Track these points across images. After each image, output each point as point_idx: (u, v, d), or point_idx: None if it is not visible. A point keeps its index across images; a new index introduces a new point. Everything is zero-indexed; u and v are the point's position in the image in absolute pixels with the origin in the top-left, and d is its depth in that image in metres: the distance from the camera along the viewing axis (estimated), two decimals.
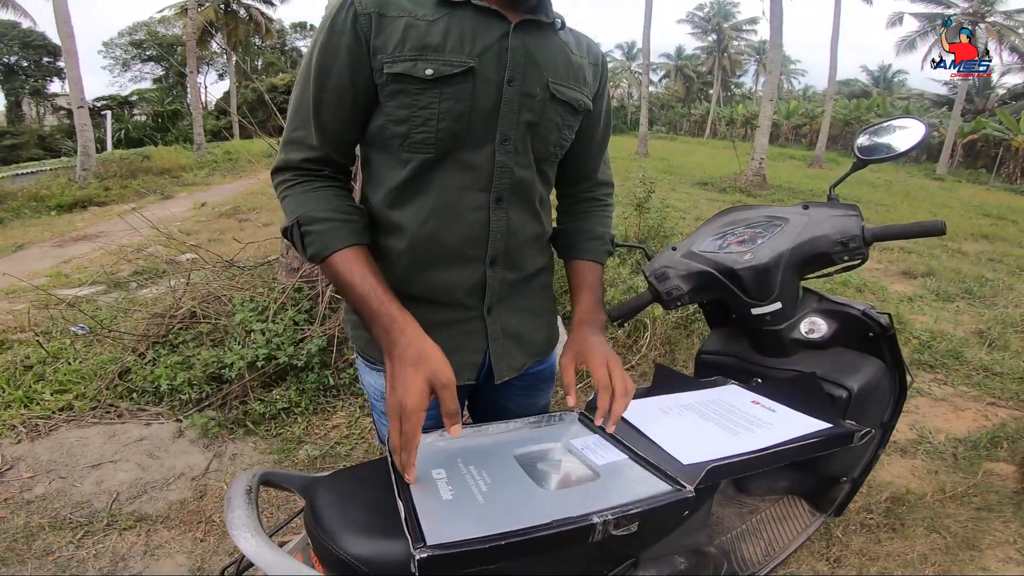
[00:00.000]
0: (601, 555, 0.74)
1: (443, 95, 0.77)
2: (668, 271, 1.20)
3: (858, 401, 1.14)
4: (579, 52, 0.91)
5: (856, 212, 1.15)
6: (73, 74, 11.13)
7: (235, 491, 0.70)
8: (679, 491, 0.70)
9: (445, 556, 0.56)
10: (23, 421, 2.33)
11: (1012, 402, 2.81)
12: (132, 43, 36.58)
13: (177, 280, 3.08)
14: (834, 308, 1.20)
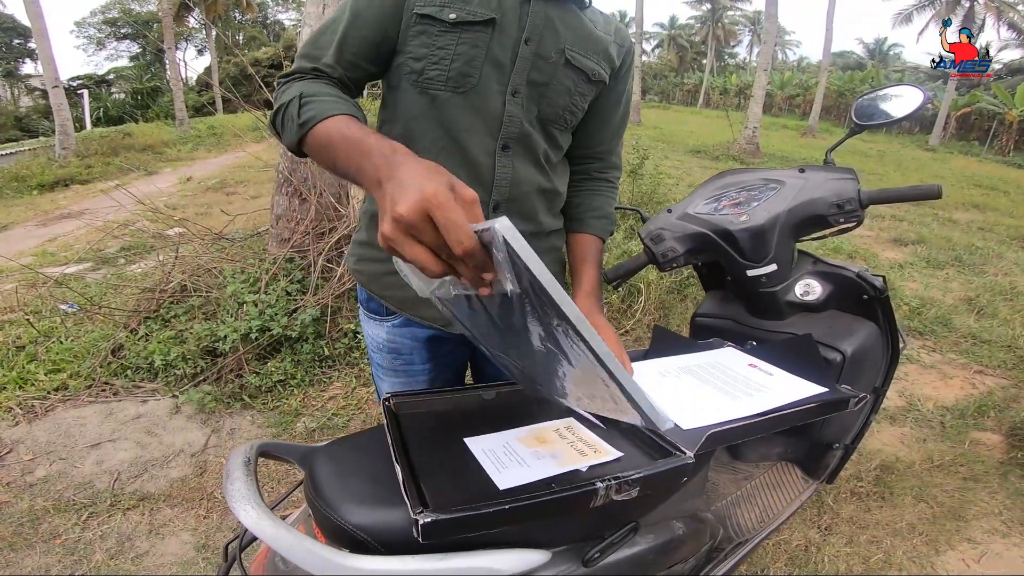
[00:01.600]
0: (602, 519, 0.75)
1: (461, 39, 0.81)
2: (664, 233, 1.19)
3: (852, 364, 1.15)
4: (605, 30, 0.93)
5: (852, 175, 1.14)
6: (45, 54, 10.81)
7: (233, 463, 0.70)
8: (679, 457, 0.71)
9: (447, 520, 0.56)
10: (19, 403, 2.31)
11: (999, 370, 2.86)
12: (105, 21, 35.38)
13: (166, 254, 3.03)
14: (829, 270, 1.20)
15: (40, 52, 10.80)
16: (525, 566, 0.65)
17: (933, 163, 13.98)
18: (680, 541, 0.91)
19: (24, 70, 31.19)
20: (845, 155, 12.31)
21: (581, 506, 0.63)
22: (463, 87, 0.83)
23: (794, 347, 1.08)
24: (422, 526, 0.55)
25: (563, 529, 0.71)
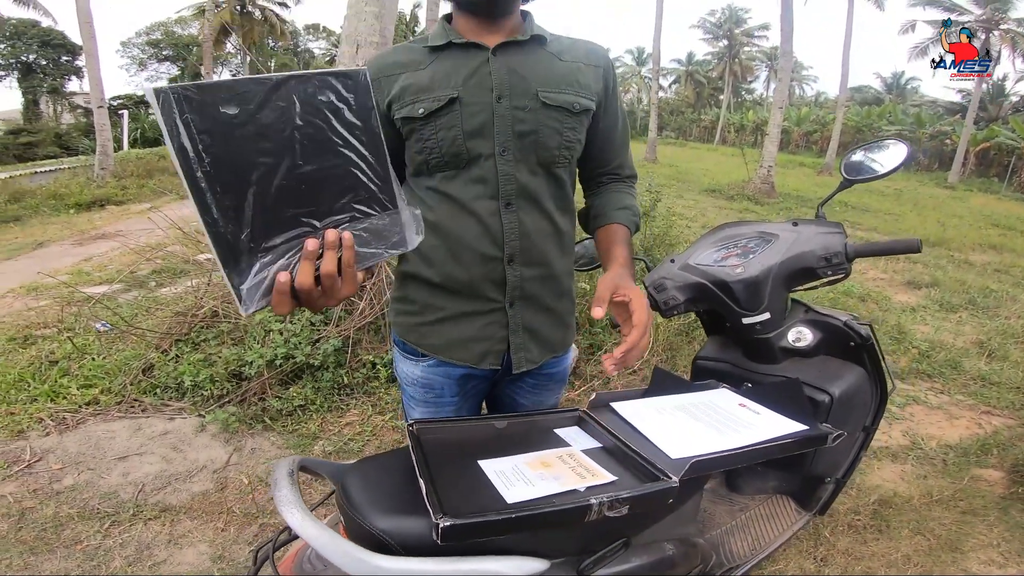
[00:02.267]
0: (597, 534, 0.83)
1: (437, 126, 0.94)
2: (666, 282, 1.29)
3: (840, 405, 1.23)
4: (572, 58, 1.01)
5: (840, 230, 1.23)
6: (94, 74, 11.26)
7: (279, 473, 0.80)
8: (665, 481, 0.79)
9: (463, 525, 0.65)
10: (51, 414, 2.45)
11: (1007, 411, 2.86)
12: (149, 43, 36.92)
13: (199, 280, 3.19)
14: (819, 319, 1.29)
15: (89, 72, 11.28)
16: (526, 572, 0.74)
17: (951, 202, 13.91)
18: (671, 563, 0.98)
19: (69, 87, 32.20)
20: (862, 195, 12.36)
21: (577, 519, 0.72)
22: (458, 164, 0.95)
23: (782, 389, 1.16)
24: (442, 529, 0.64)
25: (561, 542, 0.80)
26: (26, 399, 2.60)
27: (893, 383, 1.37)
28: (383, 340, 2.75)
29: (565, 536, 0.80)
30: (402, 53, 0.99)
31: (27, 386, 2.72)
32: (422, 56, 0.97)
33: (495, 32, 0.97)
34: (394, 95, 0.95)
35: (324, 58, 41.75)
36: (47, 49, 29.88)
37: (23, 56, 29.85)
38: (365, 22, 3.01)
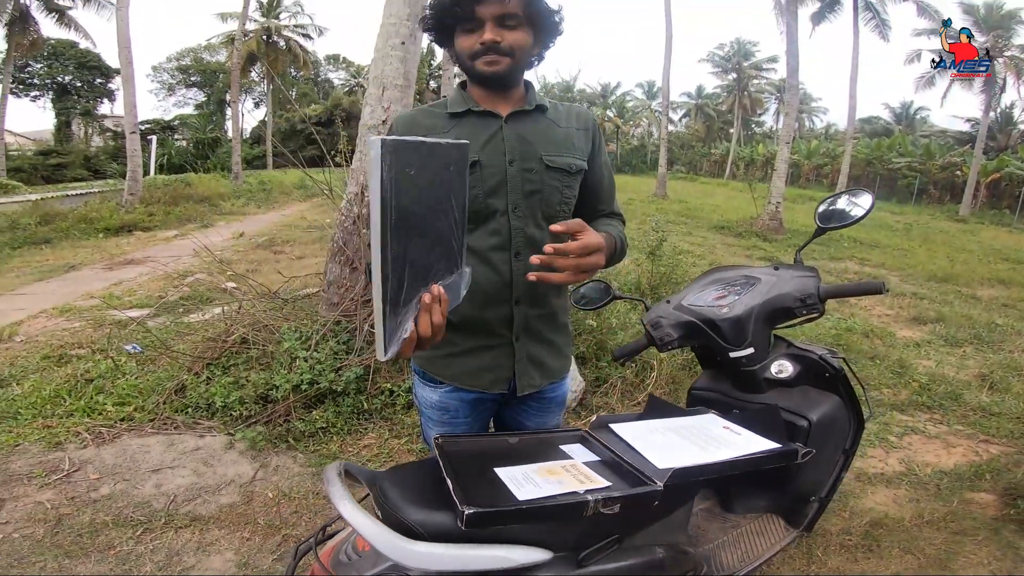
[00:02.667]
0: (593, 530, 0.97)
1: None
2: (661, 321, 1.45)
3: (818, 429, 1.36)
4: (567, 124, 1.19)
5: (814, 274, 1.39)
6: (129, 99, 11.63)
7: (331, 474, 0.96)
8: (650, 485, 0.93)
9: (483, 513, 0.80)
10: (87, 428, 2.62)
11: (1006, 440, 2.91)
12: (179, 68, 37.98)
13: (228, 307, 3.39)
14: (798, 352, 1.44)
15: (124, 97, 11.73)
16: (531, 559, 0.89)
17: (961, 236, 13.89)
18: (661, 565, 1.11)
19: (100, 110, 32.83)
20: (871, 230, 12.43)
21: (577, 514, 0.87)
22: (477, 220, 1.11)
23: (762, 414, 1.30)
24: (466, 516, 0.79)
25: (563, 535, 0.94)
26: (63, 413, 2.79)
27: (871, 410, 1.50)
28: (400, 370, 2.90)
29: (566, 530, 0.94)
30: (426, 117, 1.16)
31: (63, 402, 2.90)
32: (443, 121, 1.14)
33: (505, 101, 1.15)
34: None
35: (343, 88, 42.94)
36: (83, 71, 30.61)
37: (59, 77, 30.48)
38: (391, 65, 3.26)
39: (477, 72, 1.09)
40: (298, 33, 29.09)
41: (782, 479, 1.47)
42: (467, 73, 1.14)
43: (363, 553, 0.99)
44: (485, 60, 1.07)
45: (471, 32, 1.07)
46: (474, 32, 1.07)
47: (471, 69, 1.10)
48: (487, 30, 1.05)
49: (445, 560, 0.86)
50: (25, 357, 3.64)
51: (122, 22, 11.61)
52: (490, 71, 1.08)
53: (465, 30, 1.08)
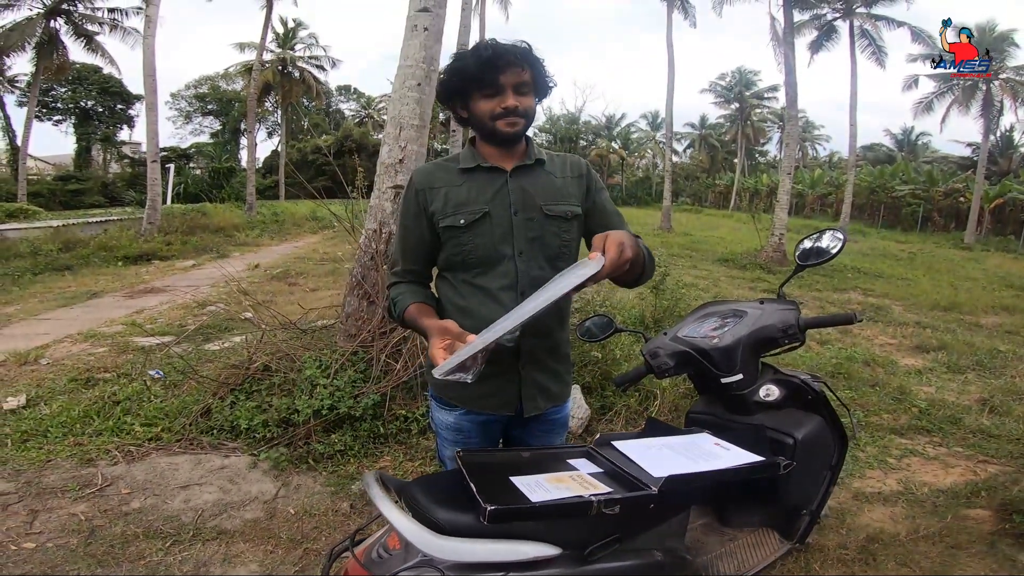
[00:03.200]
0: (597, 529, 1.10)
1: (475, 234, 1.26)
2: (659, 351, 1.61)
3: (802, 446, 1.49)
4: (563, 174, 1.35)
5: (794, 307, 1.55)
6: (152, 127, 11.87)
7: (370, 480, 1.11)
8: (646, 490, 1.06)
9: (503, 510, 0.94)
10: (117, 447, 2.77)
11: (1005, 460, 2.97)
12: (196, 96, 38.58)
13: (251, 336, 3.56)
14: (784, 378, 1.59)
15: (148, 125, 11.97)
16: (543, 554, 1.02)
17: (966, 263, 13.96)
18: (660, 567, 1.23)
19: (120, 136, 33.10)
20: (876, 260, 12.56)
21: (582, 512, 1.01)
22: (488, 264, 1.27)
23: (749, 432, 1.44)
24: (489, 512, 0.93)
25: (571, 533, 1.07)
26: (92, 432, 2.94)
27: (854, 431, 1.63)
28: (415, 397, 3.04)
29: (573, 529, 1.08)
30: (440, 171, 1.32)
31: (92, 421, 3.05)
32: (455, 175, 1.30)
33: (510, 157, 1.31)
34: (436, 206, 1.27)
35: (354, 119, 43.93)
36: (105, 96, 30.81)
37: (83, 101, 30.70)
38: (407, 106, 3.48)
39: (499, 133, 1.25)
40: (312, 64, 29.77)
41: (772, 492, 1.58)
42: (483, 132, 1.29)
43: (393, 551, 1.12)
44: (507, 122, 1.24)
45: (491, 97, 1.23)
46: (494, 97, 1.23)
47: (492, 129, 1.26)
48: (508, 96, 1.22)
49: (469, 553, 1.01)
50: (52, 379, 3.81)
51: (148, 50, 11.93)
52: (511, 131, 1.25)
53: (486, 95, 1.24)
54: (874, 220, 29.18)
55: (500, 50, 1.22)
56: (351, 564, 1.18)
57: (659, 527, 1.25)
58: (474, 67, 1.22)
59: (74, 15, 19.99)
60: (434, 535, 1.00)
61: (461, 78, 1.25)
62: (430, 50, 3.60)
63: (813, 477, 1.61)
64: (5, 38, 18.99)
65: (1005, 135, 30.53)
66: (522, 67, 1.22)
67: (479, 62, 1.21)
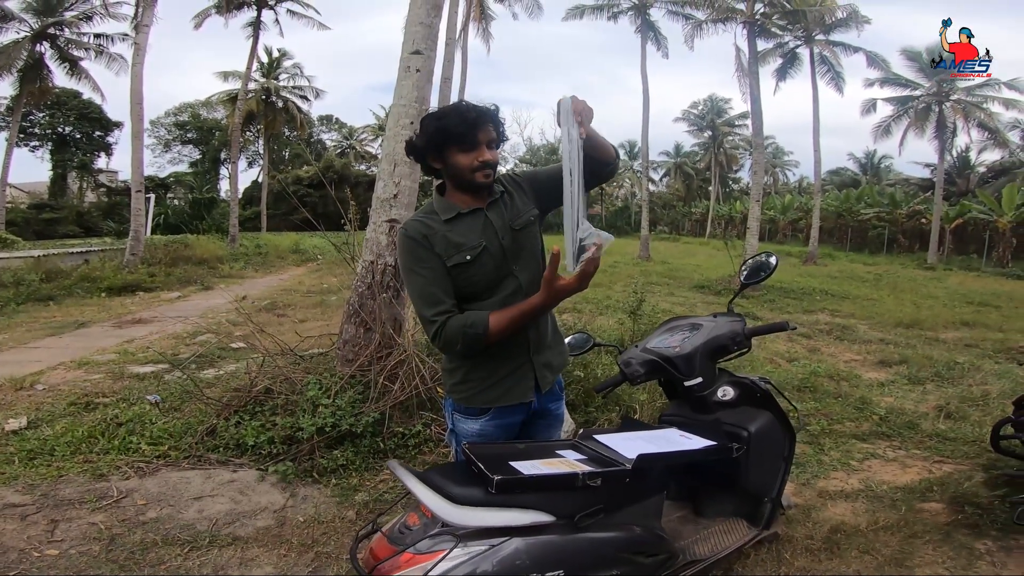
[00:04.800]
0: (583, 500, 1.33)
1: (479, 264, 1.50)
2: (631, 360, 1.89)
3: (756, 438, 1.78)
4: (517, 192, 1.60)
5: (741, 319, 1.88)
6: (138, 156, 11.81)
7: (395, 465, 1.36)
8: (622, 466, 1.30)
9: (508, 480, 1.18)
10: (127, 464, 2.90)
11: (960, 460, 3.22)
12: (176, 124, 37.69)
13: (252, 361, 3.73)
14: (737, 380, 1.90)
15: (132, 154, 11.85)
16: (539, 520, 1.26)
17: (929, 283, 14.58)
18: (640, 541, 1.46)
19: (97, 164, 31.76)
20: (842, 281, 13.12)
21: (570, 483, 1.24)
22: (495, 284, 1.51)
23: (708, 425, 1.74)
24: (495, 481, 1.15)
25: (561, 504, 1.30)
26: (99, 451, 3.06)
27: (800, 422, 1.91)
28: (411, 416, 3.24)
29: (563, 500, 1.31)
30: (430, 222, 1.51)
31: (97, 441, 3.17)
32: (441, 226, 1.50)
33: (479, 197, 1.54)
34: (440, 249, 1.48)
35: (335, 150, 44.16)
36: (83, 122, 29.83)
37: (60, 127, 29.66)
38: (401, 144, 3.70)
39: (475, 183, 1.50)
40: (296, 94, 29.65)
41: (735, 480, 1.84)
42: (459, 182, 1.52)
43: (414, 527, 1.33)
44: (483, 174, 1.49)
45: (469, 151, 1.47)
46: (471, 151, 1.47)
47: (469, 180, 1.49)
48: (484, 152, 1.48)
49: (480, 519, 1.24)
50: (51, 403, 3.91)
51: (136, 78, 11.93)
52: (487, 182, 1.51)
53: (463, 150, 1.47)
54: (843, 243, 29.64)
55: (482, 112, 1.48)
56: (378, 541, 1.37)
57: (638, 505, 1.48)
58: (457, 124, 1.46)
59: (59, 40, 19.70)
60: (452, 505, 1.22)
61: (444, 135, 1.48)
62: (422, 90, 3.89)
63: (768, 466, 1.87)
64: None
65: (961, 155, 31.04)
66: (491, 125, 1.49)
67: (463, 122, 1.45)
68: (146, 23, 12.30)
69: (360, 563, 1.34)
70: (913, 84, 22.05)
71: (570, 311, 7.05)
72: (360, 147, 43.93)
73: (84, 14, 18.84)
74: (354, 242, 4.32)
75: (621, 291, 8.47)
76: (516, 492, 1.23)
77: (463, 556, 1.21)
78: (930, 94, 21.84)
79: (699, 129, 43.76)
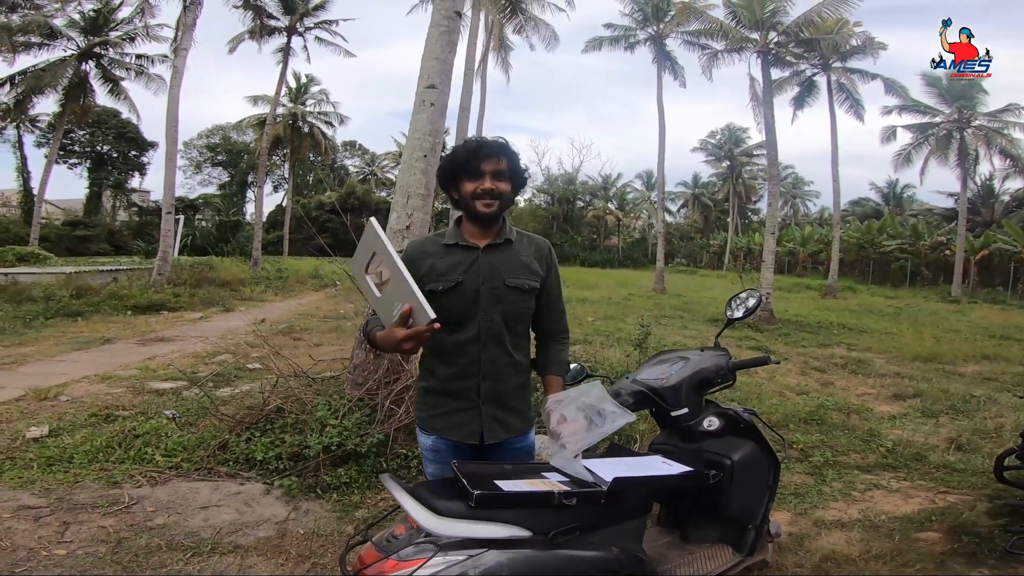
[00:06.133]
0: (559, 519, 1.39)
1: (451, 296, 1.58)
2: (621, 391, 1.97)
3: (739, 467, 1.84)
4: (527, 253, 1.66)
5: (726, 353, 1.96)
6: (170, 178, 12.05)
7: (387, 478, 1.44)
8: (598, 488, 1.37)
9: (487, 495, 1.26)
10: (141, 473, 3.04)
11: (966, 490, 3.18)
12: (208, 146, 39.03)
13: (265, 382, 3.87)
14: (722, 411, 1.97)
15: (166, 175, 12.08)
16: (516, 534, 1.33)
17: (951, 316, 14.27)
18: (617, 562, 1.51)
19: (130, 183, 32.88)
20: (861, 316, 12.95)
21: (547, 501, 1.32)
22: (460, 322, 1.58)
23: (690, 454, 1.79)
24: (476, 496, 1.24)
25: (538, 520, 1.37)
26: (116, 460, 3.21)
27: (785, 453, 1.95)
28: (414, 439, 3.29)
29: (541, 518, 1.38)
30: (430, 244, 1.66)
31: (114, 451, 3.32)
32: (440, 249, 1.63)
33: (486, 234, 1.64)
34: (424, 272, 1.59)
35: (358, 176, 45.11)
36: (120, 142, 30.81)
37: (99, 145, 30.72)
38: (415, 176, 3.91)
39: (477, 211, 1.60)
40: (321, 120, 30.34)
41: (718, 505, 1.88)
42: (467, 211, 1.63)
43: (400, 536, 1.41)
44: (484, 203, 1.59)
45: (474, 180, 1.60)
46: (476, 180, 1.59)
47: (472, 208, 1.60)
48: (486, 180, 1.59)
49: (460, 530, 1.32)
50: (73, 414, 4.09)
51: (173, 101, 12.24)
52: (487, 211, 1.60)
53: (469, 178, 1.60)
54: (864, 276, 29.03)
55: (482, 142, 1.61)
56: (366, 549, 1.46)
57: (616, 527, 1.54)
58: (462, 155, 1.61)
59: (104, 59, 20.49)
60: (435, 516, 1.31)
61: (452, 164, 1.63)
62: (435, 124, 4.08)
63: (752, 493, 1.92)
64: (37, 78, 19.42)
65: (985, 184, 30.24)
66: (499, 157, 1.60)
67: (466, 151, 1.60)
68: (184, 46, 12.67)
69: (348, 568, 1.42)
70: (933, 110, 21.70)
71: (580, 343, 7.15)
72: (381, 173, 44.77)
73: (128, 34, 19.39)
74: None
75: (632, 324, 8.48)
76: (495, 507, 1.31)
77: (442, 564, 1.29)
78: (950, 120, 21.39)
79: (717, 159, 43.26)
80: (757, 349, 8.29)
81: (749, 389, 5.26)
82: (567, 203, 43.94)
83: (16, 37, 17.75)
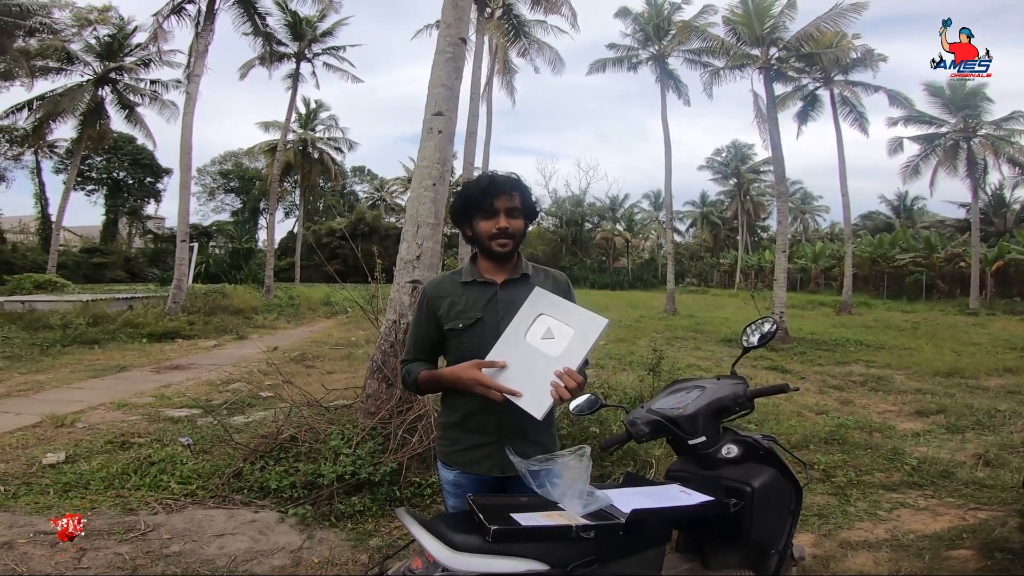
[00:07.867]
0: (577, 552, 1.37)
1: (471, 334, 1.59)
2: (637, 420, 1.93)
3: (760, 494, 1.79)
4: (544, 286, 1.60)
5: (743, 381, 1.93)
6: (185, 206, 12.16)
7: (400, 512, 1.42)
8: (616, 520, 1.35)
9: (504, 530, 1.25)
10: (156, 500, 3.04)
11: (997, 506, 3.08)
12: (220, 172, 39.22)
13: (279, 410, 3.90)
14: (741, 438, 1.92)
15: (180, 203, 12.14)
16: (533, 569, 1.31)
17: (969, 329, 14.00)
18: None
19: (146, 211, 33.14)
20: (879, 332, 12.75)
21: (564, 535, 1.30)
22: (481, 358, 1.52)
23: (709, 481, 1.76)
24: (493, 531, 1.23)
25: (556, 555, 1.35)
26: (131, 487, 3.21)
27: (808, 477, 1.91)
28: (428, 467, 3.31)
29: (558, 551, 1.36)
30: (447, 283, 1.66)
31: (129, 478, 3.33)
32: (457, 287, 1.63)
33: (502, 270, 1.64)
34: (442, 311, 1.61)
35: (367, 202, 45.57)
36: (136, 168, 30.90)
37: (115, 172, 30.76)
38: (424, 205, 3.94)
39: (493, 252, 1.60)
40: (331, 146, 30.51)
41: (739, 532, 1.84)
42: (482, 249, 1.63)
43: (417, 570, 1.39)
44: (499, 243, 1.58)
45: (488, 218, 1.58)
46: (491, 219, 1.58)
47: (487, 247, 1.60)
48: (501, 218, 1.58)
49: (477, 565, 1.30)
50: (89, 441, 4.12)
51: (186, 128, 12.39)
52: (503, 251, 1.60)
53: (484, 217, 1.59)
54: (879, 291, 28.61)
55: (494, 179, 1.61)
56: None
57: (634, 558, 1.51)
58: (475, 193, 1.61)
59: (119, 84, 20.67)
60: (452, 551, 1.29)
61: (465, 202, 1.64)
62: (444, 151, 4.12)
63: (774, 518, 1.87)
64: (55, 103, 19.60)
65: (996, 193, 29.91)
66: (511, 193, 1.60)
67: (479, 189, 1.60)
68: (197, 73, 12.90)
69: None
70: (939, 121, 21.54)
71: (593, 367, 7.06)
72: (390, 199, 45.21)
73: (142, 60, 19.67)
74: (380, 295, 4.51)
75: (645, 347, 8.41)
76: (512, 541, 1.30)
77: None
78: (956, 130, 21.19)
79: (724, 177, 43.16)
80: (773, 369, 8.18)
81: (767, 410, 5.17)
82: (575, 225, 43.95)
83: (34, 61, 18.05)
